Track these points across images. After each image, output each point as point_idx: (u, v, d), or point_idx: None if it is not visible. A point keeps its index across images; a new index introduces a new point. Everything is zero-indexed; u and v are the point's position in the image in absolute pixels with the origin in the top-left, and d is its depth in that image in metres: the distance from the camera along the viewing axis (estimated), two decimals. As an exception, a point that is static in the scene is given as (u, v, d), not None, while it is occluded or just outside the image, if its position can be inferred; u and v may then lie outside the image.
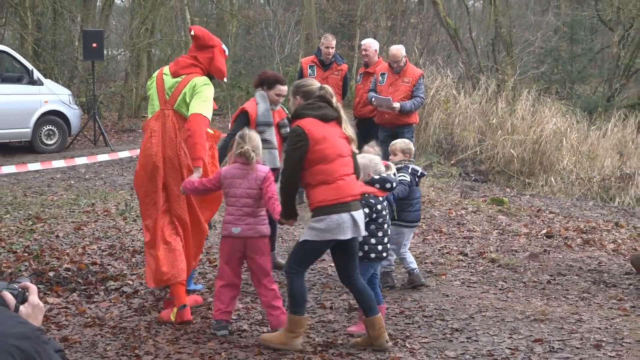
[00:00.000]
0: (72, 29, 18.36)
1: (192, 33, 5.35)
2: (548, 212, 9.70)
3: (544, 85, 17.98)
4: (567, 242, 7.98)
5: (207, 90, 5.16)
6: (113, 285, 5.94)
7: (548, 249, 7.63)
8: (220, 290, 4.94)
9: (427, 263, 6.93)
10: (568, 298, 6.03)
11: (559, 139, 13.40)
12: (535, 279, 6.55)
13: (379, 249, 4.98)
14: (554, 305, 5.78)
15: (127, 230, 7.78)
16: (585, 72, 20.63)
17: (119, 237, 7.51)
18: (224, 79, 5.68)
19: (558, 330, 5.12)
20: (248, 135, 4.95)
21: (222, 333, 4.86)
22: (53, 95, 13.65)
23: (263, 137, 5.94)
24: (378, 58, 9.36)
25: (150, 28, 18.88)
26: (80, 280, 6.03)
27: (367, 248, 4.95)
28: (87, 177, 11.34)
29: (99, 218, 8.35)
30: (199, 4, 25.15)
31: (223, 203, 5.25)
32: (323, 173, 4.54)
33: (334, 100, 4.72)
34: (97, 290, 5.83)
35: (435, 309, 5.59)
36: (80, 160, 10.98)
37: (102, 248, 7.07)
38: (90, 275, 6.17)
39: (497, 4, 19.03)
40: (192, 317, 5.11)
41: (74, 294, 5.70)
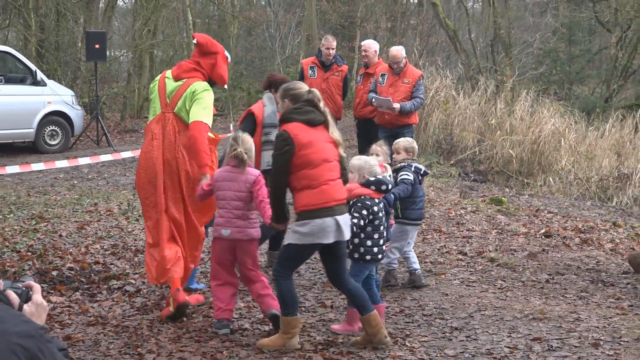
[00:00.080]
0: (75, 30, 18.41)
1: (195, 41, 5.41)
2: (546, 211, 9.71)
3: (543, 86, 18.01)
4: (565, 241, 8.01)
5: (207, 97, 5.21)
6: (116, 284, 5.98)
7: (546, 249, 7.66)
8: (217, 290, 4.99)
9: (426, 262, 6.96)
10: (566, 297, 6.05)
11: (558, 140, 13.43)
12: (534, 278, 6.57)
13: (375, 251, 4.95)
14: (553, 304, 5.80)
15: (129, 230, 7.82)
16: (584, 73, 20.68)
17: (122, 236, 7.56)
18: (225, 86, 5.75)
19: (556, 329, 5.14)
20: (241, 138, 4.99)
21: (223, 332, 4.89)
22: (56, 96, 13.71)
23: (269, 138, 6.01)
24: (378, 59, 9.36)
25: (153, 29, 18.91)
26: (83, 279, 6.07)
27: (362, 250, 4.91)
28: (90, 177, 11.39)
29: (102, 218, 8.39)
30: (201, 6, 25.16)
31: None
32: (308, 178, 4.55)
33: (322, 105, 4.73)
34: (100, 289, 5.86)
35: (435, 308, 5.61)
36: (83, 161, 11.01)
37: (104, 247, 7.11)
38: (93, 275, 6.21)
39: (496, 6, 19.09)
40: (187, 298, 5.14)
41: (77, 293, 5.74)
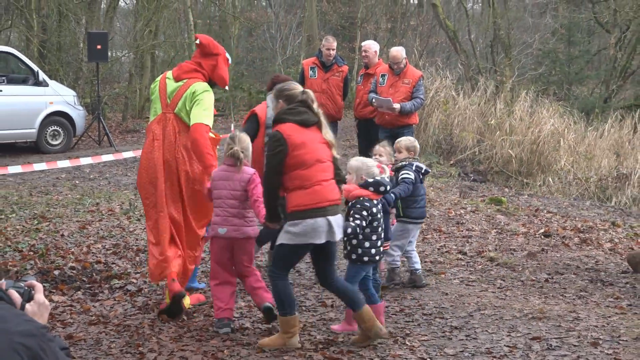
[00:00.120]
0: (76, 31, 18.42)
1: (197, 41, 5.44)
2: (546, 211, 9.72)
3: (542, 87, 18.02)
4: (564, 241, 8.02)
5: (207, 98, 5.23)
6: (117, 284, 6.01)
7: (546, 248, 7.67)
8: (216, 289, 5.01)
9: (426, 262, 6.97)
10: (565, 296, 6.06)
11: (557, 140, 13.44)
12: (533, 278, 6.59)
13: (372, 252, 4.93)
14: (552, 304, 5.81)
15: (131, 230, 7.85)
16: (583, 73, 20.71)
17: (123, 236, 7.59)
18: (226, 87, 5.78)
19: (556, 328, 5.15)
20: (238, 137, 5.03)
21: (224, 331, 4.92)
22: (58, 97, 13.74)
23: None
24: (378, 60, 9.39)
25: (154, 30, 18.94)
26: (85, 279, 6.10)
27: (360, 251, 4.89)
28: (91, 177, 11.42)
29: (104, 217, 8.42)
30: (202, 6, 25.19)
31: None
32: (300, 178, 4.57)
33: (315, 105, 4.75)
34: (101, 289, 5.89)
35: (435, 307, 5.62)
36: (85, 161, 11.04)
37: (106, 247, 7.14)
38: (95, 274, 6.23)
39: (495, 7, 19.12)
40: (182, 288, 5.17)
41: (79, 292, 5.77)
